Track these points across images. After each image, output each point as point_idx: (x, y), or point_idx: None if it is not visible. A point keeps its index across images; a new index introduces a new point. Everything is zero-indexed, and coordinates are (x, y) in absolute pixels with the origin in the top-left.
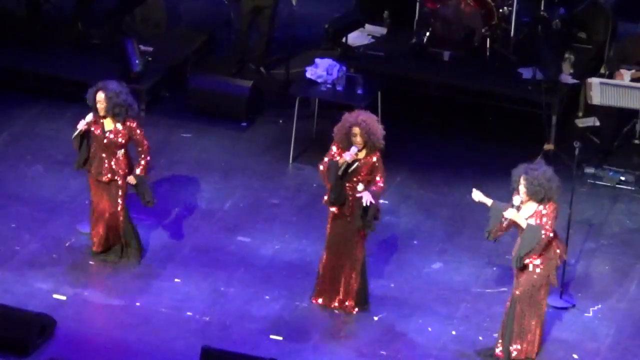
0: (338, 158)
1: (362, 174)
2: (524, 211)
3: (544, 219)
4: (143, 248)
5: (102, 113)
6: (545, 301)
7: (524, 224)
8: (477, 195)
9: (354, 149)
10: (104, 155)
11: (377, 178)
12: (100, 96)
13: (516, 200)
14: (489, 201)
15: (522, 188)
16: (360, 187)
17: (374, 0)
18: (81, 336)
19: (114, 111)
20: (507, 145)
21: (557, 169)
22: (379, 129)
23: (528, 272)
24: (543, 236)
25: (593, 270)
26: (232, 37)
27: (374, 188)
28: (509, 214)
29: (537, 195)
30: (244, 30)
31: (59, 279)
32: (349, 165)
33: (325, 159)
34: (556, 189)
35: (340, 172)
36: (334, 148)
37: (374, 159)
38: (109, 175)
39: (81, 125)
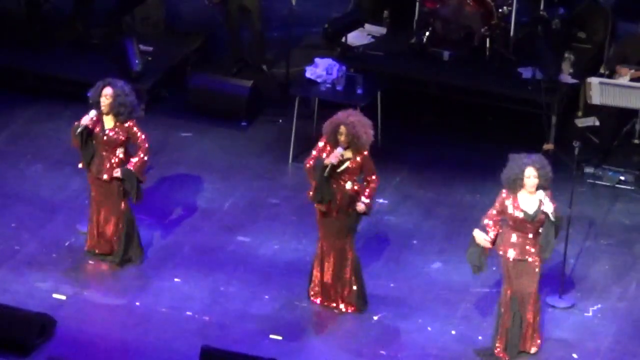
0: (324, 156)
1: (350, 173)
2: (531, 203)
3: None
4: (142, 249)
5: (105, 109)
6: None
7: (552, 216)
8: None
9: (338, 150)
10: (104, 153)
11: (373, 177)
12: (108, 91)
13: (540, 194)
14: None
15: (532, 180)
16: (348, 185)
17: (374, 0)
18: (81, 336)
19: (118, 110)
20: (507, 145)
21: (557, 169)
22: (365, 134)
23: (530, 266)
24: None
25: (593, 270)
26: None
27: (366, 195)
28: (549, 208)
29: (548, 182)
30: (234, 31)
31: (59, 279)
32: (335, 166)
33: (314, 153)
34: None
35: (326, 174)
36: (321, 143)
37: (362, 158)
38: (109, 174)
39: (85, 121)
